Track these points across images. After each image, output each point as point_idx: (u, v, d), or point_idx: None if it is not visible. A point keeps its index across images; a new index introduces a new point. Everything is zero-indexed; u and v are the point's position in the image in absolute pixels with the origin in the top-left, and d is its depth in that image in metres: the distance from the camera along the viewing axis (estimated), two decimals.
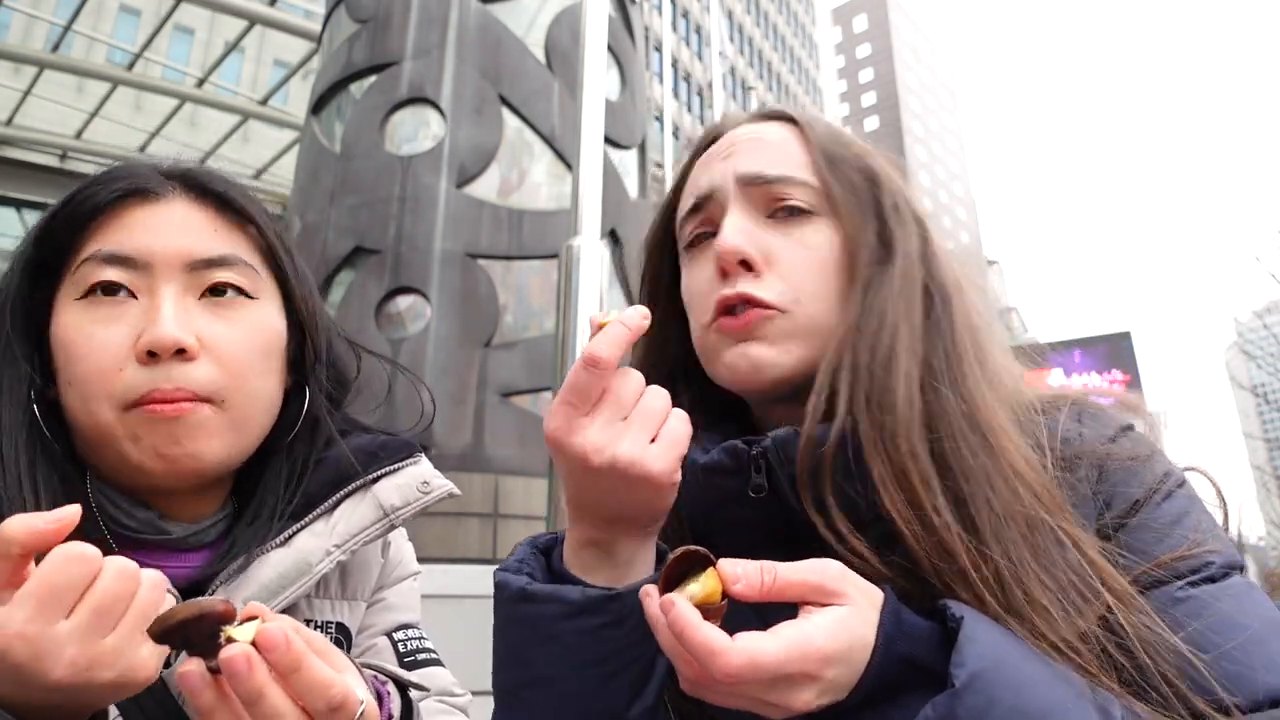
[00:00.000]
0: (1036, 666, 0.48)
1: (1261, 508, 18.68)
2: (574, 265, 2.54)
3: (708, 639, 0.45)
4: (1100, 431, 0.66)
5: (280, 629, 0.48)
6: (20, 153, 13.58)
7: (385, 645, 0.83)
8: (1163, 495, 0.61)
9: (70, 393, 0.68)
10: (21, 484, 0.64)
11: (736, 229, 0.67)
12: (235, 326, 0.72)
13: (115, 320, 0.68)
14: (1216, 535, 0.60)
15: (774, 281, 0.66)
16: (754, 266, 0.66)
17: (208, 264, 0.71)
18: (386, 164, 6.55)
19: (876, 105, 76.91)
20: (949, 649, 0.49)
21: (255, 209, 0.77)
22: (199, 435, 0.68)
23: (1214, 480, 0.65)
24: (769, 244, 0.67)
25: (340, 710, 0.50)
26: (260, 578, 0.71)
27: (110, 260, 0.68)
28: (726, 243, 0.66)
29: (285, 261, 0.78)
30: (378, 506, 0.79)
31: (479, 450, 5.87)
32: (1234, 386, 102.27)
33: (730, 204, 0.69)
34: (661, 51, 12.94)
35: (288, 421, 0.79)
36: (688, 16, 33.61)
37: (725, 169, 0.71)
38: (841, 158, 0.70)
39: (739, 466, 0.63)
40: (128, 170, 0.73)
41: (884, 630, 0.49)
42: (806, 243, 0.68)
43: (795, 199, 0.68)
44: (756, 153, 0.71)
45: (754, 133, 0.73)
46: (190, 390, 0.68)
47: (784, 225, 0.68)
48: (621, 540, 0.60)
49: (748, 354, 0.66)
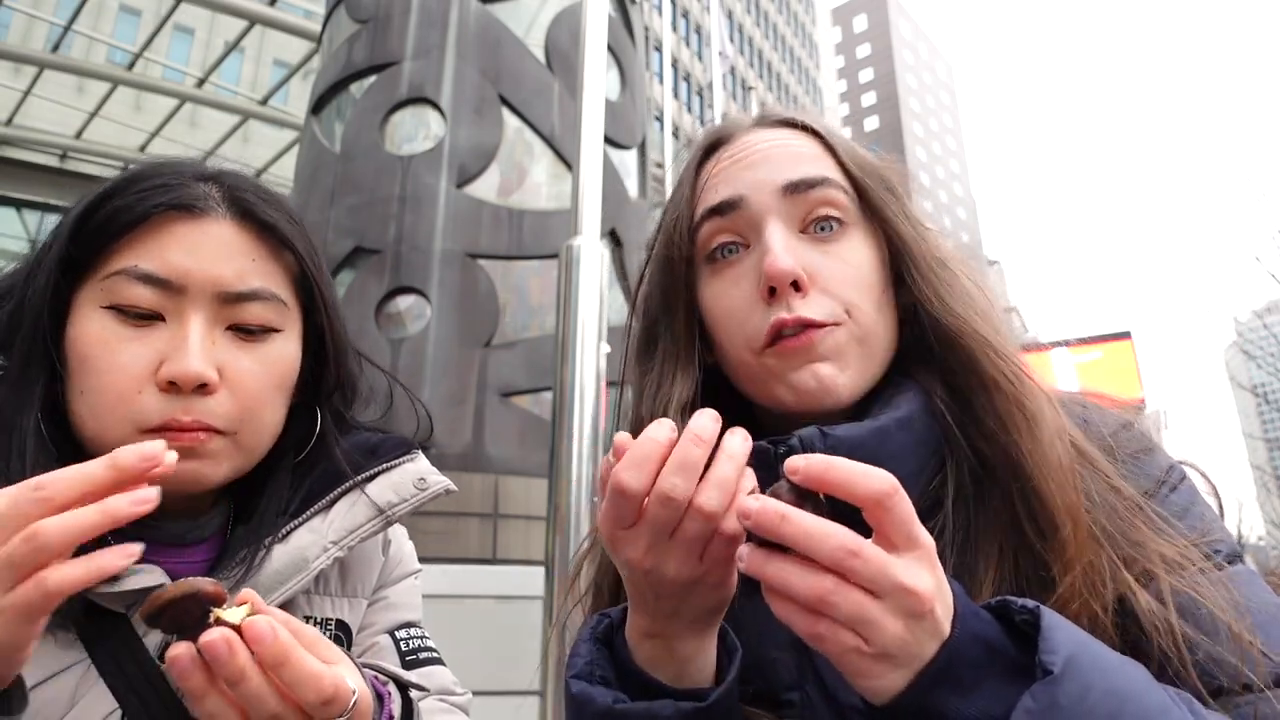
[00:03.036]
0: (1110, 651, 0.48)
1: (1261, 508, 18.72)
2: (574, 265, 2.54)
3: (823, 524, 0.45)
4: (1107, 424, 0.67)
5: (268, 621, 0.48)
6: (20, 153, 13.58)
7: (387, 643, 0.83)
8: (1169, 487, 0.63)
9: (81, 401, 0.67)
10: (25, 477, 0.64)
11: (785, 248, 0.64)
12: (257, 361, 0.71)
13: (138, 340, 0.67)
14: (1219, 525, 0.61)
15: (822, 300, 0.65)
16: (802, 286, 0.64)
17: (239, 297, 0.70)
18: (386, 164, 6.55)
19: (876, 105, 76.91)
20: (1014, 640, 0.48)
21: (298, 238, 0.75)
22: (206, 462, 0.69)
23: (1207, 475, 0.66)
24: (811, 260, 0.66)
25: (332, 702, 0.50)
26: (256, 574, 0.71)
27: (144, 279, 0.67)
28: (779, 264, 0.63)
29: (317, 292, 0.77)
30: (374, 503, 0.79)
31: (479, 450, 5.87)
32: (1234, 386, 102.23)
33: (769, 217, 0.67)
34: (661, 51, 12.94)
35: (293, 438, 0.79)
36: (688, 16, 33.61)
37: (755, 179, 0.68)
38: (865, 163, 0.70)
39: (764, 466, 0.62)
40: (172, 176, 0.71)
41: (960, 602, 0.48)
42: (846, 258, 0.66)
43: (833, 209, 0.67)
44: (792, 158, 0.69)
45: (778, 139, 0.71)
46: (206, 423, 0.67)
47: (822, 241, 0.67)
48: (683, 635, 0.56)
49: (818, 374, 0.64)
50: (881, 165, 0.72)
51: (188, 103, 12.77)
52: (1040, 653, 0.45)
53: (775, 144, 0.70)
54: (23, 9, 12.86)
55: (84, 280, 0.69)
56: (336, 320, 0.79)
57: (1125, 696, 0.45)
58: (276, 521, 0.75)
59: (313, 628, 0.55)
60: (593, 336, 2.51)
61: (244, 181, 0.75)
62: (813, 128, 0.72)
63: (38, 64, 11.77)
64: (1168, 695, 0.47)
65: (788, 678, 0.62)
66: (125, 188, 0.70)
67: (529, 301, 6.48)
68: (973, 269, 0.71)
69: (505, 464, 5.82)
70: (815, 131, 0.72)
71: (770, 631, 0.61)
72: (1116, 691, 0.44)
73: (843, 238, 0.67)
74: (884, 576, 0.44)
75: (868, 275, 0.66)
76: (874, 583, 0.44)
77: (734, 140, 0.72)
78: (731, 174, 0.70)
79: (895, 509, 0.45)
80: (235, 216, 0.72)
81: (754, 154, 0.70)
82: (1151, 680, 0.47)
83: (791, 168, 0.68)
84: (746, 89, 31.48)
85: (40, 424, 0.67)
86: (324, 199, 6.64)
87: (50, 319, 0.68)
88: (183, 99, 12.62)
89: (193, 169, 0.73)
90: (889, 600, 0.44)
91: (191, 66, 14.26)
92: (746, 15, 42.18)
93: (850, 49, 79.57)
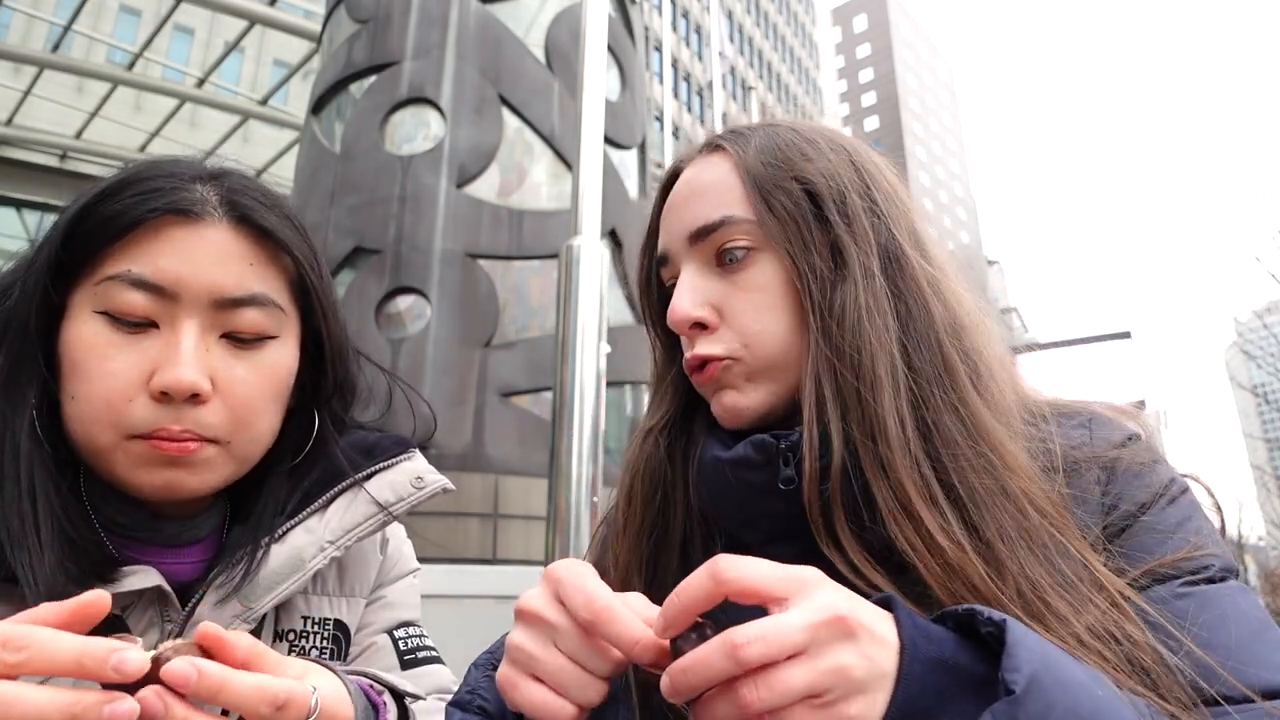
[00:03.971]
0: (1076, 666, 0.47)
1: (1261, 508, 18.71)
2: (574, 265, 2.54)
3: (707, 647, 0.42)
4: (1109, 438, 0.67)
5: (186, 662, 0.46)
6: (20, 153, 13.60)
7: (385, 643, 0.83)
8: (1168, 500, 0.63)
9: (72, 405, 0.66)
10: (21, 498, 0.64)
11: (684, 293, 0.69)
12: (251, 369, 0.70)
13: (131, 347, 0.66)
14: (1216, 541, 0.62)
15: (725, 335, 0.68)
16: (708, 325, 0.68)
17: (235, 303, 0.69)
18: (386, 164, 6.55)
19: (876, 105, 76.90)
20: (976, 654, 0.47)
21: (296, 241, 0.74)
22: (198, 470, 0.68)
23: (1209, 489, 0.66)
24: (719, 296, 0.69)
25: (286, 706, 0.49)
26: (252, 574, 0.71)
27: (138, 284, 0.66)
28: (676, 313, 0.68)
29: (316, 296, 0.76)
30: (371, 502, 0.78)
31: (479, 450, 5.87)
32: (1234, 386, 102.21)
33: (683, 264, 0.71)
34: (661, 51, 12.93)
35: (291, 441, 0.78)
36: (688, 16, 33.61)
37: (673, 228, 0.72)
38: (771, 182, 0.68)
39: (767, 460, 0.64)
40: (169, 179, 0.69)
41: (906, 629, 0.46)
42: (750, 285, 0.68)
43: (737, 240, 0.68)
44: (696, 202, 0.71)
45: (693, 179, 0.73)
46: (197, 433, 0.67)
47: (730, 273, 0.69)
48: None
49: (722, 401, 0.68)
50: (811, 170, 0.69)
51: (188, 103, 12.78)
52: (1003, 670, 0.44)
53: (689, 188, 0.73)
54: (23, 9, 12.87)
55: (78, 282, 0.68)
56: (335, 324, 0.78)
57: (1088, 717, 0.44)
58: (273, 522, 0.75)
59: (252, 640, 0.52)
60: (593, 336, 2.51)
61: (243, 183, 0.73)
62: (726, 147, 0.72)
63: (38, 64, 11.78)
64: (1135, 711, 0.47)
65: None
66: (121, 190, 0.68)
67: (529, 301, 6.48)
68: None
69: (505, 464, 5.82)
70: (729, 151, 0.72)
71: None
72: (1078, 711, 0.44)
73: (749, 265, 0.68)
74: (778, 637, 0.41)
75: (777, 299, 0.67)
76: (779, 649, 0.41)
77: (684, 172, 0.75)
78: (665, 227, 0.74)
79: (732, 582, 0.43)
80: (232, 221, 0.70)
81: (676, 199, 0.73)
82: (1117, 696, 0.47)
83: (695, 214, 0.70)
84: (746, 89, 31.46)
85: (35, 424, 0.66)
86: (324, 199, 6.64)
87: (45, 320, 0.67)
88: (183, 99, 12.62)
89: (190, 170, 0.72)
90: (811, 648, 0.42)
91: (191, 66, 14.27)
92: (746, 15, 42.18)
93: (850, 49, 79.57)
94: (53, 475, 0.66)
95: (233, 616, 0.69)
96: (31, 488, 0.64)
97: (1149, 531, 0.61)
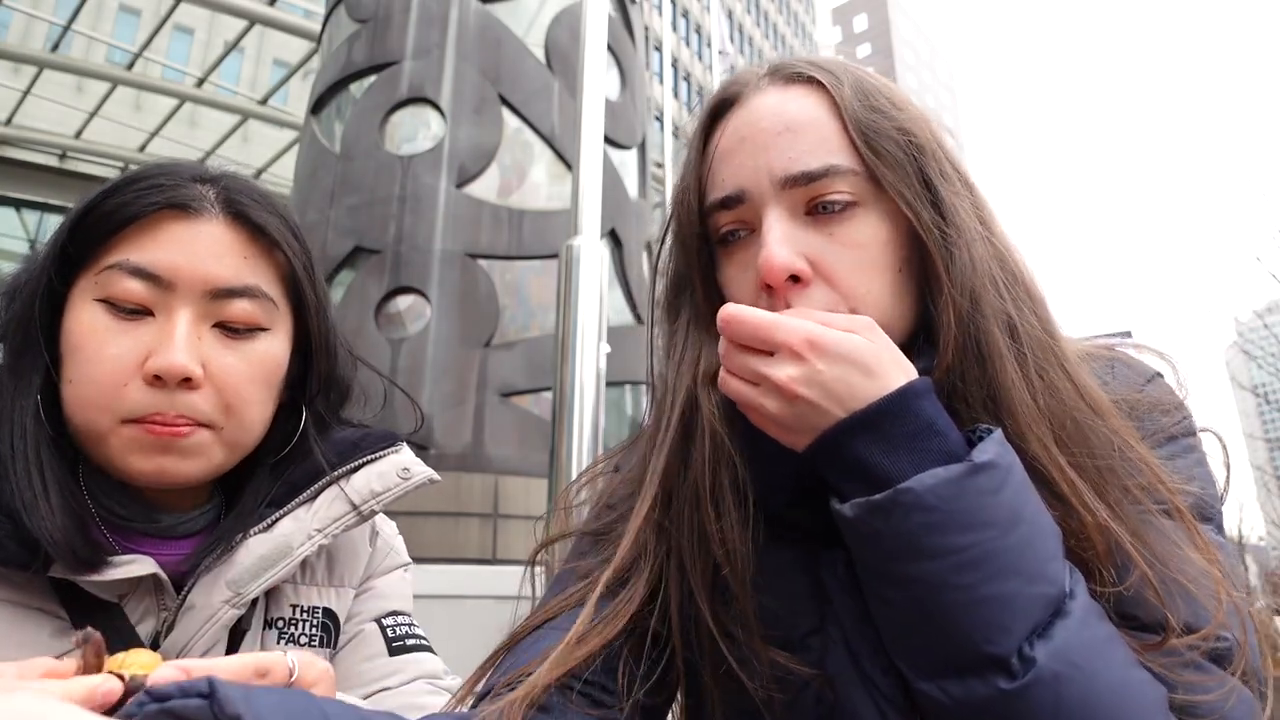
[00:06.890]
0: (1034, 490, 0.55)
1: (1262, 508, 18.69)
2: (574, 265, 2.54)
3: None
4: (1132, 379, 0.68)
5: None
6: (20, 153, 13.59)
7: (373, 630, 0.85)
8: (1166, 437, 0.65)
9: (70, 390, 0.69)
10: (30, 471, 0.66)
11: (780, 241, 0.62)
12: (243, 359, 0.73)
13: (127, 333, 0.69)
14: (1210, 485, 0.64)
15: (821, 292, 0.62)
16: (801, 278, 0.62)
17: (229, 293, 0.72)
18: (386, 164, 6.55)
19: None
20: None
21: (290, 239, 0.77)
22: (191, 455, 0.70)
23: (1223, 441, 0.67)
24: (813, 248, 0.63)
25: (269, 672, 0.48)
26: (242, 561, 0.73)
27: (136, 273, 0.69)
28: (773, 260, 0.61)
29: (306, 292, 0.79)
30: (358, 491, 0.81)
31: (479, 450, 5.87)
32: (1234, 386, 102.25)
33: (768, 209, 0.64)
34: (661, 51, 12.92)
35: (280, 434, 0.80)
36: (688, 16, 33.62)
37: (755, 167, 0.65)
38: (880, 130, 0.64)
39: None
40: (170, 177, 0.73)
41: (921, 383, 0.55)
42: (850, 240, 0.63)
43: (840, 192, 0.63)
44: (790, 141, 0.64)
45: (780, 110, 0.66)
46: (190, 418, 0.69)
47: (826, 224, 0.63)
48: None
49: None
50: (906, 120, 0.65)
51: (187, 103, 12.75)
52: (974, 449, 0.52)
53: (783, 116, 0.65)
54: (23, 9, 12.86)
55: (81, 274, 0.71)
56: (324, 321, 0.81)
57: (1026, 502, 0.53)
58: (259, 511, 0.77)
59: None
60: (593, 336, 2.51)
61: (240, 184, 0.77)
62: (826, 85, 0.66)
63: (37, 64, 11.76)
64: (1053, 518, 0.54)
65: (807, 624, 0.63)
66: (124, 187, 0.72)
67: (529, 301, 6.48)
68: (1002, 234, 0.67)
69: (505, 464, 5.82)
70: (825, 88, 0.66)
71: (791, 580, 0.64)
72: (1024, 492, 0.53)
73: (850, 218, 0.63)
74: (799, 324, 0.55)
75: (878, 257, 0.63)
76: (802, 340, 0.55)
77: (742, 104, 0.68)
78: (735, 161, 0.66)
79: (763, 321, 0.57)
80: (228, 217, 0.74)
81: (757, 134, 0.66)
82: (1043, 509, 0.54)
83: (790, 156, 0.64)
84: None
85: (39, 408, 0.69)
86: (324, 199, 6.64)
87: (49, 310, 0.71)
88: (182, 99, 12.61)
89: (190, 171, 0.75)
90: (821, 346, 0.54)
91: (191, 66, 14.26)
92: (746, 15, 42.20)
93: (850, 49, 79.53)
94: (56, 458, 0.69)
95: (222, 602, 0.71)
96: (40, 462, 0.67)
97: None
